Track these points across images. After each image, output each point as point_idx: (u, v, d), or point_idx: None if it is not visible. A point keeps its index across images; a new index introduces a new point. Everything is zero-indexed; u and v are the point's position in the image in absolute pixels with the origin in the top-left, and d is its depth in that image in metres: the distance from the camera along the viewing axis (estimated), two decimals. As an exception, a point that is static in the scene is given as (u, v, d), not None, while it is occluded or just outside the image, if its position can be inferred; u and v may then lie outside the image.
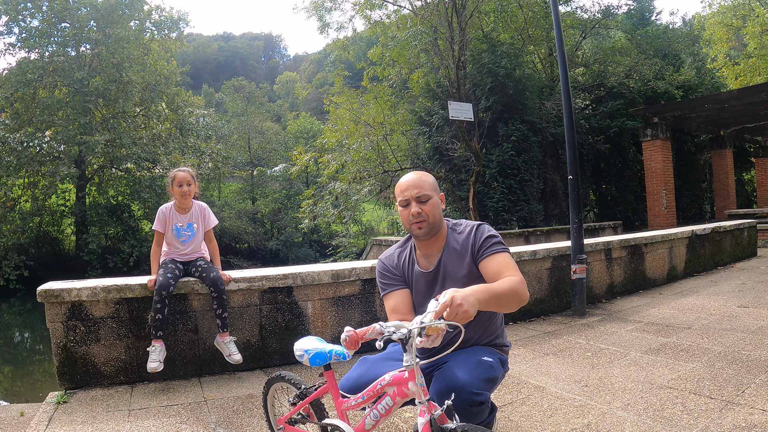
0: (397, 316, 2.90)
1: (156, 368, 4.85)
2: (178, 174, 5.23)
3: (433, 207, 2.90)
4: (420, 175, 2.97)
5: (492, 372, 2.75)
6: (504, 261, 2.81)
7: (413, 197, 2.88)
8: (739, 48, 34.76)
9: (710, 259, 11.92)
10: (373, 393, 2.58)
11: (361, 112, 21.79)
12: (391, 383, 2.49)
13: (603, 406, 4.14)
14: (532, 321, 7.47)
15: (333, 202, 23.38)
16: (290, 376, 3.21)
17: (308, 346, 2.87)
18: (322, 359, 2.80)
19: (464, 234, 2.97)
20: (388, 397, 2.52)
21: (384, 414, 2.56)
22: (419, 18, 18.29)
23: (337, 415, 2.82)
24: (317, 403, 3.03)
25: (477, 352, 2.82)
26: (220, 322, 5.13)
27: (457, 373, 2.58)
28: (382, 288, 3.08)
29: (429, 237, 2.96)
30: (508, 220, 17.78)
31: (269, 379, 3.38)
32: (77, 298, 4.87)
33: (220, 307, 5.11)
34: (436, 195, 2.94)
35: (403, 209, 2.94)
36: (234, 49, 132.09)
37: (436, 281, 2.99)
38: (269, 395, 3.45)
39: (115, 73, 25.12)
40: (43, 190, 25.76)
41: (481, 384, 2.59)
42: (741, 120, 20.48)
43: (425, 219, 2.88)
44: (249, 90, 53.37)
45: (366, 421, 2.61)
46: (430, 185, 2.93)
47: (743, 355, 5.22)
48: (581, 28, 24.64)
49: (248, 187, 43.11)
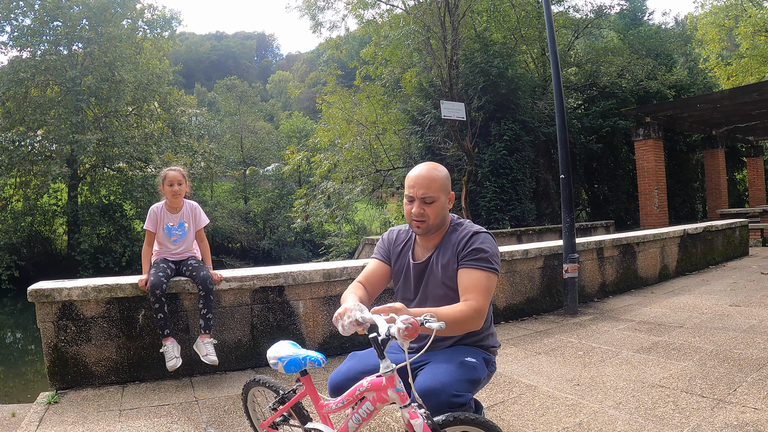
0: (363, 280, 3.05)
1: (174, 365, 4.87)
2: (169, 173, 5.21)
3: (437, 209, 2.88)
4: (432, 171, 2.90)
5: (474, 373, 2.74)
6: (476, 280, 2.77)
7: (418, 197, 2.85)
8: (731, 48, 34.86)
9: (702, 258, 11.96)
10: (353, 398, 2.56)
11: (353, 112, 21.81)
12: (370, 389, 2.47)
13: (595, 404, 4.14)
14: (524, 320, 7.48)
15: (325, 201, 23.38)
16: (267, 380, 3.20)
17: (282, 353, 2.85)
18: (296, 366, 2.79)
19: (460, 237, 2.95)
20: (368, 402, 2.51)
21: (366, 418, 2.55)
22: (412, 17, 18.26)
23: (319, 418, 2.81)
24: (298, 407, 3.00)
25: (460, 352, 2.82)
26: (204, 322, 5.09)
27: (438, 375, 2.58)
28: (374, 252, 3.19)
29: (427, 235, 2.98)
30: (501, 219, 17.77)
31: (246, 384, 3.36)
32: (68, 298, 4.85)
33: (205, 307, 5.08)
34: (444, 196, 2.91)
35: (407, 203, 2.93)
36: (227, 49, 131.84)
37: (421, 276, 3.02)
38: (248, 400, 3.43)
39: (107, 72, 25.06)
40: (34, 189, 25.65)
41: (461, 385, 2.59)
42: (733, 120, 20.54)
43: (425, 220, 2.87)
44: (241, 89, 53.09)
45: (349, 425, 2.59)
46: (439, 185, 2.87)
47: (735, 354, 5.24)
48: (574, 28, 24.68)
49: (241, 187, 43.00)
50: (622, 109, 21.05)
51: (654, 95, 22.82)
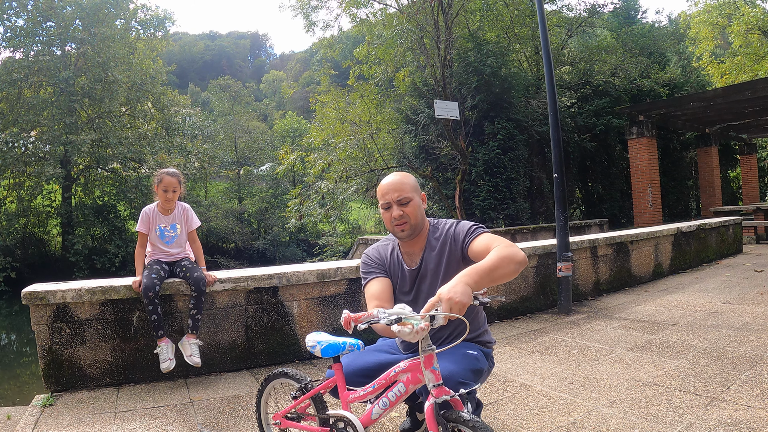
0: (376, 303, 2.89)
1: (168, 367, 4.87)
2: (165, 178, 5.19)
3: (415, 208, 2.94)
4: (400, 177, 3.00)
5: (478, 363, 2.82)
6: (486, 238, 2.83)
7: (394, 200, 2.92)
8: (725, 46, 34.89)
9: (696, 256, 11.99)
10: (386, 381, 2.64)
11: (347, 111, 21.78)
12: (406, 370, 2.57)
13: (589, 403, 4.16)
14: (518, 319, 7.49)
15: (319, 201, 23.41)
16: (294, 373, 3.22)
17: (320, 338, 2.89)
18: (335, 350, 2.82)
19: (444, 232, 3.02)
20: (400, 384, 2.60)
21: (393, 402, 2.63)
22: (405, 16, 18.28)
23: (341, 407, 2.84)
24: (319, 397, 3.05)
25: (459, 346, 2.84)
26: (192, 322, 5.08)
27: (444, 364, 2.61)
28: (365, 276, 3.10)
29: (412, 237, 3.00)
30: (495, 218, 17.81)
31: (270, 375, 3.37)
32: (62, 300, 4.84)
33: (195, 308, 5.07)
34: (417, 196, 2.98)
35: (385, 212, 2.99)
36: (220, 48, 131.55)
37: (419, 279, 3.04)
38: (266, 391, 3.44)
39: (100, 72, 25.02)
40: (28, 190, 25.65)
41: (467, 374, 2.66)
42: (726, 118, 20.58)
43: (407, 221, 2.92)
44: (235, 89, 53.00)
45: (374, 410, 2.66)
46: (410, 187, 2.96)
47: (728, 352, 5.26)
48: (567, 27, 24.75)
49: (235, 187, 42.94)
50: (615, 107, 21.08)
51: (647, 93, 22.87)
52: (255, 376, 5.29)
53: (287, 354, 5.74)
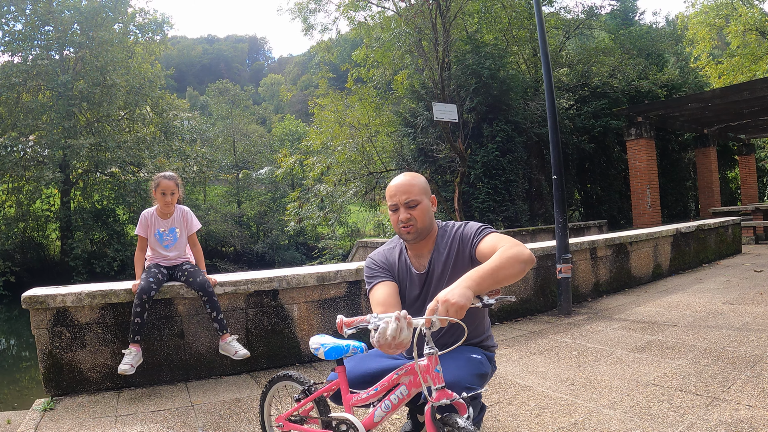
0: (382, 309, 2.81)
1: (127, 371, 4.75)
2: (163, 182, 5.19)
3: (423, 211, 2.90)
4: (410, 178, 2.96)
5: (482, 368, 2.80)
6: (493, 239, 2.80)
7: (402, 203, 2.88)
8: (722, 47, 34.97)
9: (695, 256, 11.99)
10: (389, 384, 2.63)
11: (345, 114, 21.82)
12: (409, 372, 2.56)
13: (589, 404, 4.16)
14: (519, 321, 7.49)
15: (318, 204, 23.41)
16: (297, 375, 3.22)
17: (324, 341, 2.88)
18: (338, 353, 2.81)
19: (452, 234, 2.99)
20: (403, 387, 2.59)
21: (396, 405, 2.61)
22: (403, 19, 18.27)
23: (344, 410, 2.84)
24: (321, 399, 3.04)
25: (464, 350, 2.84)
26: (218, 324, 5.09)
27: (451, 369, 2.60)
28: (369, 281, 3.03)
29: (418, 240, 2.97)
30: (494, 220, 17.79)
31: (273, 378, 3.37)
32: (62, 304, 4.84)
33: (213, 310, 5.07)
34: (426, 198, 2.94)
35: (392, 213, 2.95)
36: (218, 52, 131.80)
37: (428, 282, 3.00)
38: (269, 394, 3.44)
39: (99, 76, 24.97)
40: (27, 195, 25.62)
41: (473, 379, 2.65)
42: (724, 118, 20.59)
43: (414, 224, 2.88)
44: (234, 93, 53.12)
45: (376, 413, 2.64)
46: (419, 189, 2.92)
47: (729, 352, 5.26)
48: (565, 29, 24.73)
49: (234, 190, 42.97)
50: (613, 109, 21.09)
51: (645, 95, 22.87)
52: (255, 379, 5.28)
53: (288, 357, 5.74)
